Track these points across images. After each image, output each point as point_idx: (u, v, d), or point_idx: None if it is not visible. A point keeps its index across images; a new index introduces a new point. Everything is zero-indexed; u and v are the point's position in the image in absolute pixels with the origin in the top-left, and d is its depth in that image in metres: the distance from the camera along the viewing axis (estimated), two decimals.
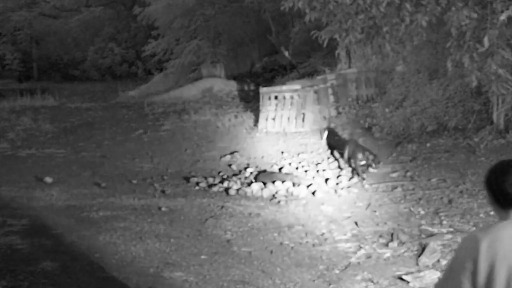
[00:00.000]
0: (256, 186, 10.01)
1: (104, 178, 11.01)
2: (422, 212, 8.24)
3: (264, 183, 10.10)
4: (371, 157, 10.37)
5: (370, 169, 10.20)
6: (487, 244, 2.55)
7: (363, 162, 10.21)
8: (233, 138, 14.22)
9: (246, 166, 11.64)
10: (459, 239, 6.94)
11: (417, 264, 6.39)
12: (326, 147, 12.51)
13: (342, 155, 11.33)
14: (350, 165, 10.75)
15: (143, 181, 10.84)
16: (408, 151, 11.49)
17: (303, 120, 14.86)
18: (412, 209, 8.42)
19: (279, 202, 9.31)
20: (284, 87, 16.15)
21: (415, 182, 9.75)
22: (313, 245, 7.26)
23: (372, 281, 6.02)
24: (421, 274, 6.02)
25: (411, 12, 6.78)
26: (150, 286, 5.90)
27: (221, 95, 20.61)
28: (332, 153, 11.94)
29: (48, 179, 10.70)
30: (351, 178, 10.34)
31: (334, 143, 12.30)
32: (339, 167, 11.09)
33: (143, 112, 18.83)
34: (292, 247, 7.19)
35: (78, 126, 16.97)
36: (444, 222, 7.71)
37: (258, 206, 9.08)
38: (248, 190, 9.93)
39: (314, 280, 6.18)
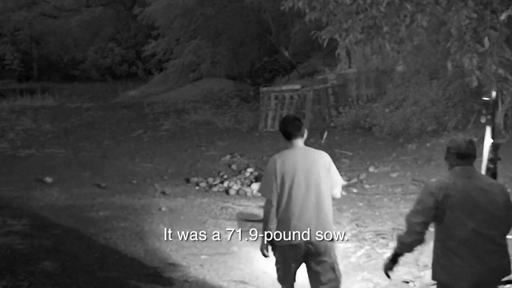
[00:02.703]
0: (256, 186, 10.00)
1: (104, 178, 11.01)
2: None
3: None
4: None
5: None
6: (280, 162, 4.65)
7: None
8: (233, 138, 14.23)
9: (246, 166, 11.64)
10: None
11: (417, 264, 6.38)
12: None
13: None
14: None
15: (143, 181, 10.84)
16: (408, 151, 11.48)
17: (303, 120, 14.86)
18: None
19: None
20: (284, 87, 16.17)
21: (415, 182, 9.74)
22: None
23: (372, 281, 6.02)
24: (421, 274, 6.01)
25: (411, 12, 6.77)
26: (150, 286, 5.90)
27: (221, 95, 20.61)
28: None
29: (48, 179, 10.70)
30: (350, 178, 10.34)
31: None
32: None
33: (143, 112, 18.83)
34: None
35: (78, 126, 16.97)
36: None
37: (258, 206, 9.07)
38: (248, 190, 9.93)
39: None
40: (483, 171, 4.90)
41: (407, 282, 5.92)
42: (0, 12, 30.11)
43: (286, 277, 4.76)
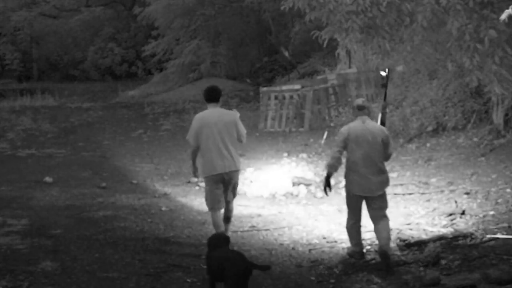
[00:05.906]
0: (256, 186, 10.00)
1: (104, 178, 11.01)
2: (422, 212, 8.23)
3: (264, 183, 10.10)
4: None
5: None
6: (201, 119, 7.05)
7: None
8: None
9: (246, 166, 11.62)
10: (459, 239, 6.94)
11: (418, 264, 6.38)
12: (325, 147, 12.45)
13: None
14: None
15: (143, 181, 10.84)
16: (408, 151, 11.48)
17: (303, 120, 14.87)
18: (412, 209, 8.42)
19: (279, 202, 9.31)
20: (284, 87, 16.17)
21: (415, 182, 9.75)
22: (313, 245, 7.26)
23: (373, 281, 6.02)
24: (421, 274, 6.02)
25: (411, 12, 6.76)
26: (150, 286, 5.90)
27: None
28: None
29: (48, 179, 10.69)
30: None
31: None
32: None
33: (143, 112, 18.84)
34: (292, 247, 7.19)
35: (78, 126, 16.98)
36: (444, 222, 7.71)
37: (258, 206, 9.08)
38: (248, 190, 9.92)
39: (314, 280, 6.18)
40: (379, 120, 7.38)
41: (408, 282, 5.92)
42: (0, 12, 30.10)
43: (213, 200, 6.90)
